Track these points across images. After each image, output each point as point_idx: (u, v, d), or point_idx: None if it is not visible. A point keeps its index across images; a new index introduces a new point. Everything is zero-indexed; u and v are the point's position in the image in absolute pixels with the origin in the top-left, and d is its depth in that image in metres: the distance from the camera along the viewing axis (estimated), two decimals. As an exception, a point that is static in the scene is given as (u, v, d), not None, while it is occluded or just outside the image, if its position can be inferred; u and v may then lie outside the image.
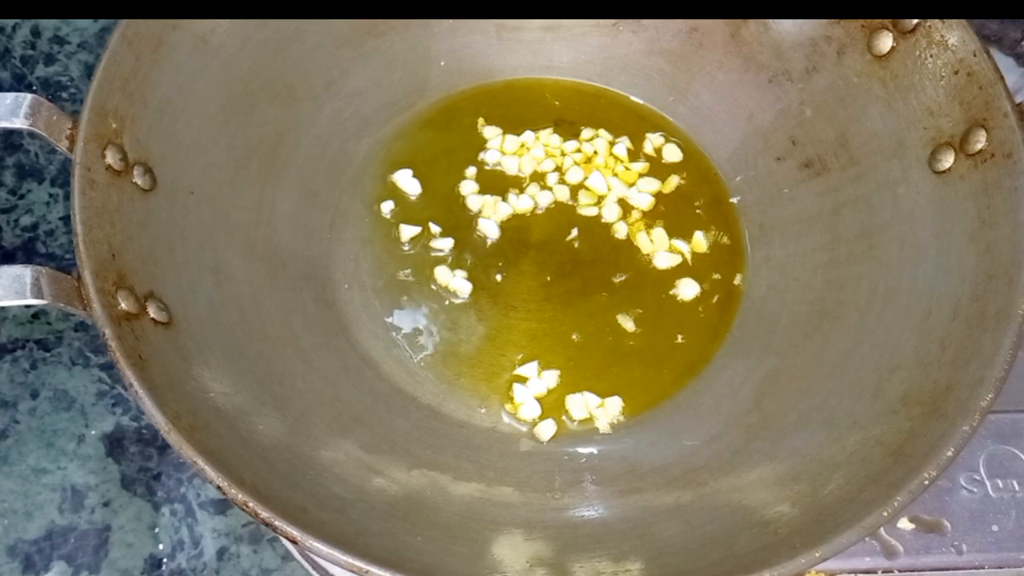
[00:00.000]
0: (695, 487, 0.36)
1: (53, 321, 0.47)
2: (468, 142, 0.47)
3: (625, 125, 0.47)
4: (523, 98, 0.48)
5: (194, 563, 0.43)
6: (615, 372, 0.41)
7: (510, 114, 0.47)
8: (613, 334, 0.42)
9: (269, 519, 0.28)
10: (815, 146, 0.43)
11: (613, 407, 0.40)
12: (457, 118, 0.47)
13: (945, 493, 0.40)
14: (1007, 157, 0.36)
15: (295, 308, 0.40)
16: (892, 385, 0.35)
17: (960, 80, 0.38)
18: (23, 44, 0.54)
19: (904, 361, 0.35)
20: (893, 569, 0.39)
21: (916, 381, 0.34)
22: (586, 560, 0.33)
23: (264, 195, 0.41)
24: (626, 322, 0.42)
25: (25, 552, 0.43)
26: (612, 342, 0.42)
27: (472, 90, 0.48)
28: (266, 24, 0.41)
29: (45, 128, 0.32)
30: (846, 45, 0.42)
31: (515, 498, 0.37)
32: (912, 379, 0.35)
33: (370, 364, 0.40)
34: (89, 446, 0.45)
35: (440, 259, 0.43)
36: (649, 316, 0.42)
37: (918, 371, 0.34)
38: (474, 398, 0.40)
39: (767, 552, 0.30)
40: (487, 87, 0.48)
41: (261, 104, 0.42)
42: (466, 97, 0.48)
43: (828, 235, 0.42)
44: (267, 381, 0.36)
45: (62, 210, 0.50)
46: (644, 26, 0.47)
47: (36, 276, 0.30)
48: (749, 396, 0.40)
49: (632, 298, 0.43)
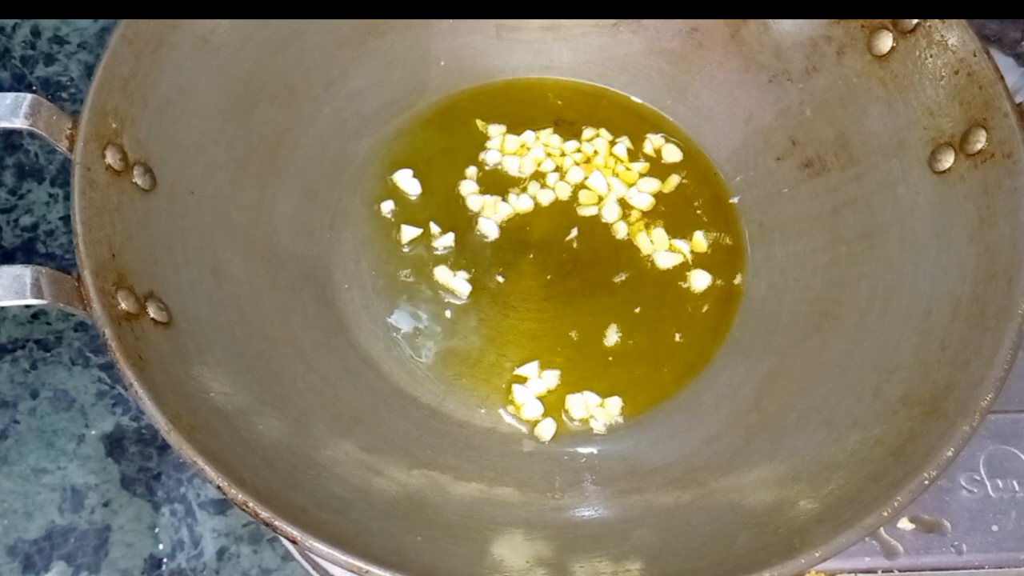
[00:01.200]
0: (695, 487, 0.36)
1: (53, 321, 0.47)
2: (468, 142, 0.47)
3: (625, 125, 0.47)
4: (523, 98, 0.48)
5: (194, 563, 0.43)
6: (615, 372, 0.41)
7: (510, 114, 0.47)
8: (613, 334, 0.42)
9: (269, 519, 0.28)
10: (815, 146, 0.43)
11: (613, 407, 0.40)
12: (457, 118, 0.47)
13: (945, 493, 0.40)
14: (1007, 157, 0.36)
15: (295, 308, 0.40)
16: (892, 385, 0.35)
17: (960, 80, 0.38)
18: (23, 44, 0.54)
19: (904, 361, 0.35)
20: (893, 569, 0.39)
21: (916, 381, 0.34)
22: (586, 560, 0.33)
23: (264, 195, 0.41)
24: (626, 322, 0.42)
25: (25, 552, 0.43)
26: (612, 341, 0.42)
27: (472, 90, 0.48)
28: (266, 24, 0.41)
29: (45, 128, 0.32)
30: (846, 45, 0.42)
31: (515, 498, 0.37)
32: (912, 379, 0.35)
33: (370, 364, 0.40)
34: (89, 446, 0.45)
35: (440, 259, 0.43)
36: (649, 316, 0.42)
37: (918, 371, 0.34)
38: (474, 398, 0.40)
39: (767, 552, 0.30)
40: (487, 87, 0.48)
41: (261, 104, 0.42)
42: (466, 97, 0.48)
43: (828, 235, 0.42)
44: (267, 381, 0.36)
45: (62, 210, 0.50)
46: (644, 26, 0.47)
47: (36, 276, 0.30)
48: (749, 396, 0.40)
49: (632, 298, 0.43)
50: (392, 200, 0.45)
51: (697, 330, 0.42)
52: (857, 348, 0.38)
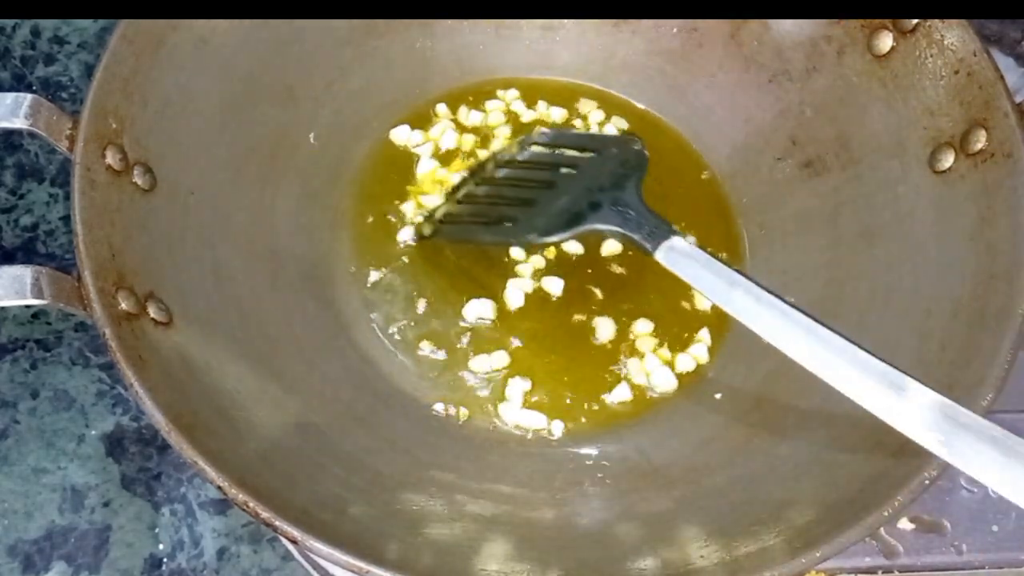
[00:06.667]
0: (695, 487, 0.36)
1: (53, 321, 0.47)
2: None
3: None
4: (523, 98, 0.48)
5: (194, 563, 0.43)
6: (615, 372, 0.41)
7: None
8: (613, 334, 0.42)
9: (269, 519, 0.28)
10: (815, 146, 0.43)
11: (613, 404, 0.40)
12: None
13: (945, 493, 0.40)
14: (1007, 157, 0.36)
15: (295, 308, 0.40)
16: (892, 385, 0.35)
17: (960, 80, 0.38)
18: (23, 44, 0.54)
19: (904, 361, 0.35)
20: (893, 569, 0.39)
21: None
22: (586, 560, 0.33)
23: (264, 195, 0.41)
24: (626, 322, 0.42)
25: (25, 552, 0.43)
26: (612, 342, 0.42)
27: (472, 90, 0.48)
28: (266, 24, 0.41)
29: (45, 128, 0.32)
30: (846, 45, 0.42)
31: (515, 498, 0.37)
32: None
33: (370, 364, 0.40)
34: (89, 446, 0.45)
35: (440, 259, 0.43)
36: (649, 316, 0.42)
37: (918, 371, 0.34)
38: (475, 398, 0.40)
39: (767, 552, 0.30)
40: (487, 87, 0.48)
41: (261, 104, 0.42)
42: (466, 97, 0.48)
43: (828, 235, 0.42)
44: (267, 381, 0.36)
45: (62, 210, 0.50)
46: (644, 26, 0.47)
47: (36, 276, 0.30)
48: (749, 396, 0.40)
49: (632, 298, 0.43)
50: (392, 200, 0.45)
51: (697, 329, 0.42)
52: (857, 348, 0.38)
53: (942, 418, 0.29)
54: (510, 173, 0.43)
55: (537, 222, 0.40)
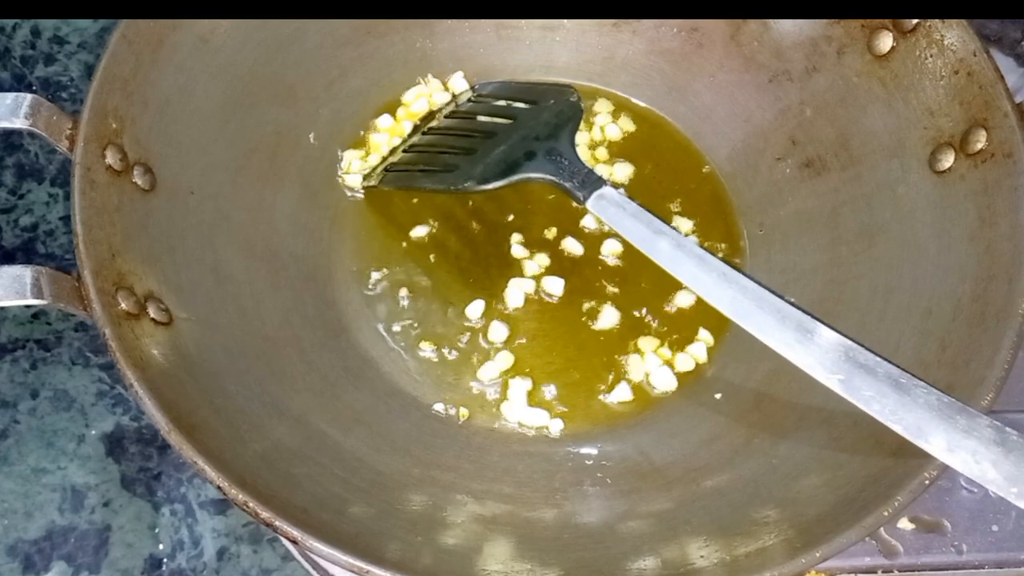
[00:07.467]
0: (695, 487, 0.36)
1: (53, 321, 0.47)
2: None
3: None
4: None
5: (194, 563, 0.43)
6: (615, 372, 0.41)
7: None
8: (613, 334, 0.42)
9: (269, 519, 0.28)
10: (815, 146, 0.43)
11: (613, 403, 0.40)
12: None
13: (945, 493, 0.40)
14: (1007, 157, 0.36)
15: (295, 308, 0.40)
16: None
17: (960, 80, 0.38)
18: (23, 44, 0.54)
19: (904, 361, 0.35)
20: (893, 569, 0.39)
21: (916, 381, 0.34)
22: (586, 560, 0.33)
23: (264, 195, 0.41)
24: (626, 322, 0.42)
25: (25, 552, 0.43)
26: (612, 342, 0.42)
27: (472, 90, 0.48)
28: (266, 24, 0.41)
29: (45, 128, 0.32)
30: (846, 45, 0.42)
31: (515, 498, 0.37)
32: (912, 379, 0.35)
33: (370, 364, 0.40)
34: (89, 446, 0.45)
35: (440, 259, 0.43)
36: (648, 315, 0.42)
37: (918, 371, 0.34)
38: (475, 398, 0.40)
39: (767, 552, 0.30)
40: (487, 87, 0.48)
41: (261, 104, 0.42)
42: (466, 97, 0.48)
43: (828, 235, 0.42)
44: (267, 381, 0.36)
45: (62, 210, 0.50)
46: (644, 26, 0.47)
47: (36, 276, 0.30)
48: (749, 396, 0.40)
49: (632, 298, 0.43)
50: (393, 200, 0.45)
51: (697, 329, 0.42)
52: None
53: (844, 359, 0.31)
54: (453, 123, 0.45)
55: (475, 170, 0.41)
